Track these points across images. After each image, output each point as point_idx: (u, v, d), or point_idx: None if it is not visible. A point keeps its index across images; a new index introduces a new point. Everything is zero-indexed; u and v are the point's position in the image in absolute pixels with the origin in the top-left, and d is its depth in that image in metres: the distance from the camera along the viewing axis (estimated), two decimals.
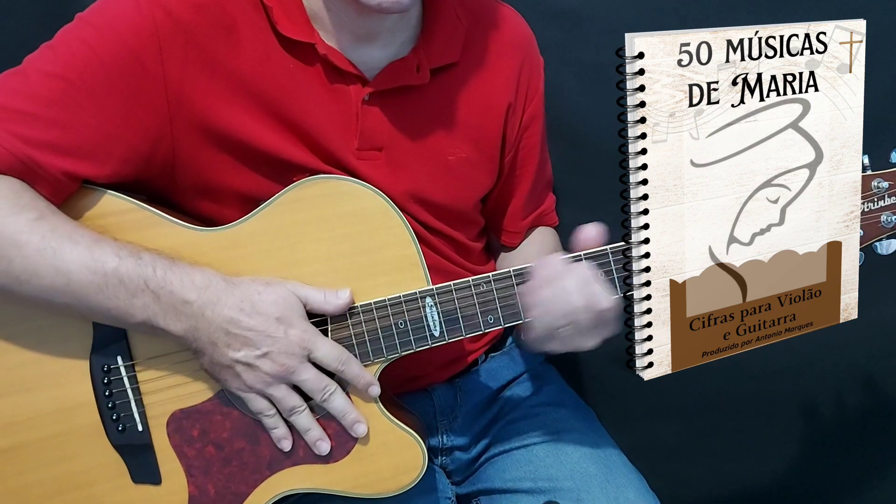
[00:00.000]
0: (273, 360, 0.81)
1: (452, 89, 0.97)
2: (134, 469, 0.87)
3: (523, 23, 1.06)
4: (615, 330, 0.85)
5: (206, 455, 0.88)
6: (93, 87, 0.81)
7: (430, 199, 0.97)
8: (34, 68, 0.82)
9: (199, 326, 0.81)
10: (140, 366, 0.86)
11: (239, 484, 0.89)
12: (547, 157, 1.13)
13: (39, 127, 0.80)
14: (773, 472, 1.62)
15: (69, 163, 0.81)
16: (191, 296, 0.80)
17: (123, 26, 0.82)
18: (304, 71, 0.89)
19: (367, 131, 0.92)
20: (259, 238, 0.85)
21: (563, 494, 0.96)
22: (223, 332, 0.80)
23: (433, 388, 1.07)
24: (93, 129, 0.82)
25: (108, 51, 0.82)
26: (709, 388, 1.50)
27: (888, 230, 0.94)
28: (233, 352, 0.81)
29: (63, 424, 0.86)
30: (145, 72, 0.83)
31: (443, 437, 1.06)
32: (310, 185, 0.85)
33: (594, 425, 1.08)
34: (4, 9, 1.22)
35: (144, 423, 0.87)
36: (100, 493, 0.87)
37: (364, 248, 0.86)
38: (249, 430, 0.88)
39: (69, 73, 0.81)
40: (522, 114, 1.04)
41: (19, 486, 0.86)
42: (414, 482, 0.89)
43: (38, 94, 0.80)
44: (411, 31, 0.94)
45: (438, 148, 0.97)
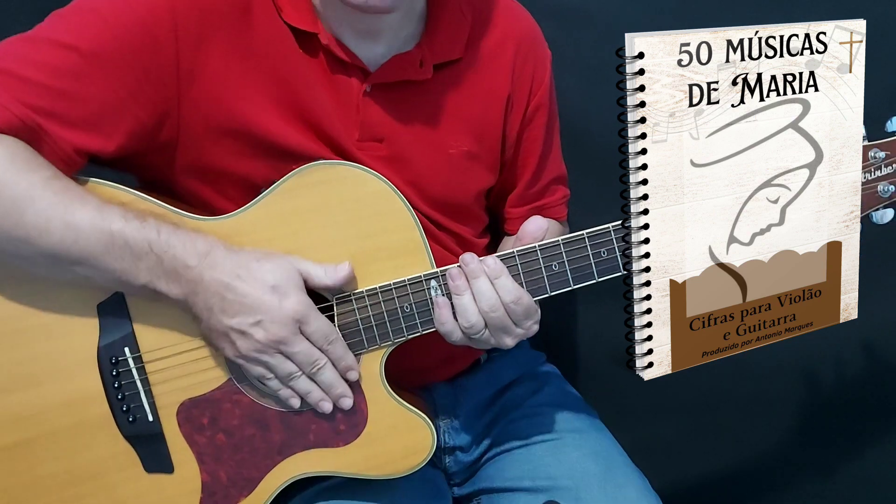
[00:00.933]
0: (265, 329, 0.81)
1: (455, 84, 0.97)
2: (146, 458, 0.88)
3: (527, 16, 1.05)
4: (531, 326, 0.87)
5: (217, 442, 0.88)
6: (104, 59, 0.81)
7: (430, 192, 0.97)
8: (44, 37, 0.81)
9: (197, 291, 0.81)
10: (148, 357, 0.86)
11: (251, 469, 0.89)
12: (556, 150, 1.12)
13: (48, 97, 0.80)
14: (772, 472, 1.62)
15: (76, 135, 0.81)
16: (192, 261, 0.80)
17: (139, 3, 0.82)
18: (308, 61, 0.89)
19: (367, 122, 0.92)
20: (261, 226, 0.85)
21: (563, 493, 0.96)
22: (219, 298, 0.80)
23: (434, 388, 1.07)
24: (100, 102, 0.82)
25: (122, 24, 0.81)
26: (709, 387, 1.50)
27: (885, 200, 0.94)
28: (227, 318, 0.81)
29: (73, 417, 0.86)
30: (158, 48, 0.82)
31: (444, 436, 1.06)
32: (311, 172, 0.85)
33: (596, 424, 1.08)
34: (4, 9, 1.22)
35: (154, 413, 0.87)
36: (113, 483, 0.88)
37: (367, 232, 0.86)
38: (259, 416, 0.88)
39: (81, 43, 0.80)
40: (526, 107, 1.03)
41: (33, 480, 0.86)
42: (424, 462, 0.90)
43: (47, 63, 0.80)
44: (415, 26, 0.94)
45: (440, 141, 0.97)
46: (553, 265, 0.86)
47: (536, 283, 0.87)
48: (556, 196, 1.13)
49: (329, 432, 0.89)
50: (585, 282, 0.87)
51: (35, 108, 0.79)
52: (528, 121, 1.04)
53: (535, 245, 0.86)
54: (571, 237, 0.86)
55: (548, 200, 1.12)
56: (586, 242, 0.86)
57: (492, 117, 1.01)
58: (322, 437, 0.89)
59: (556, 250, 0.86)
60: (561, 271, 0.86)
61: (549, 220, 1.14)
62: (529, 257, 0.86)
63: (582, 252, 0.86)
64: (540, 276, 0.86)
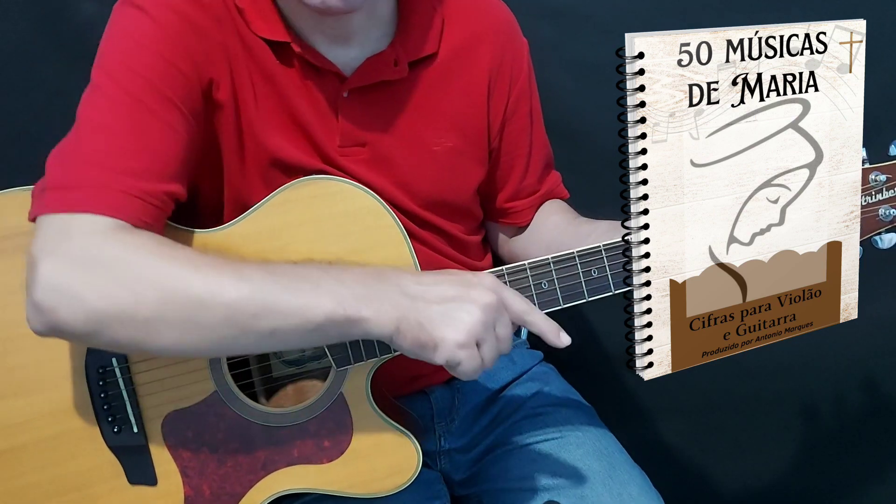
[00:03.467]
0: (482, 291, 0.77)
1: (433, 80, 0.96)
2: (130, 470, 0.88)
3: (501, 6, 1.05)
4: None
5: (202, 456, 0.88)
6: (152, 106, 0.80)
7: (418, 192, 0.97)
8: (88, 113, 0.81)
9: (399, 283, 0.76)
10: (135, 367, 0.86)
11: (234, 484, 0.89)
12: (544, 137, 1.11)
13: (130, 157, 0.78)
14: (773, 471, 1.62)
15: (168, 185, 0.80)
16: (370, 279, 0.76)
17: (147, 38, 0.82)
18: (285, 70, 0.89)
19: (347, 128, 0.92)
20: (251, 240, 0.85)
21: (566, 492, 0.96)
22: (422, 278, 0.77)
23: (431, 391, 1.07)
24: (167, 144, 0.81)
25: (146, 63, 0.81)
26: (709, 387, 1.50)
27: (886, 224, 0.94)
28: (443, 288, 0.77)
29: (60, 426, 0.86)
30: (184, 76, 0.83)
31: (440, 440, 1.06)
32: (302, 186, 0.85)
33: (596, 423, 1.08)
34: (3, 10, 1.22)
35: (140, 425, 0.87)
36: (97, 494, 0.87)
37: (356, 248, 0.85)
38: (244, 430, 0.88)
39: (125, 98, 0.80)
40: (508, 98, 1.03)
41: (18, 488, 0.86)
42: (408, 482, 0.89)
43: (110, 126, 0.79)
44: (386, 26, 0.94)
45: (422, 139, 0.96)
46: (543, 283, 0.85)
47: None
48: (555, 179, 1.12)
49: (313, 448, 0.89)
50: (575, 301, 0.85)
51: (132, 173, 0.78)
52: (512, 112, 1.04)
53: (524, 263, 0.84)
54: (562, 255, 0.84)
55: (550, 185, 1.11)
56: (577, 261, 0.85)
57: (473, 110, 1.00)
58: (306, 454, 0.88)
59: (546, 268, 0.84)
60: (551, 289, 0.85)
61: (560, 203, 1.12)
62: (519, 275, 0.84)
63: (572, 270, 0.85)
64: (529, 294, 0.84)
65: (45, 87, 1.25)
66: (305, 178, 0.85)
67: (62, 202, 0.76)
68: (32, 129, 1.23)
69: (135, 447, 0.87)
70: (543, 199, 1.11)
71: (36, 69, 1.26)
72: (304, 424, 0.89)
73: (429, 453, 1.07)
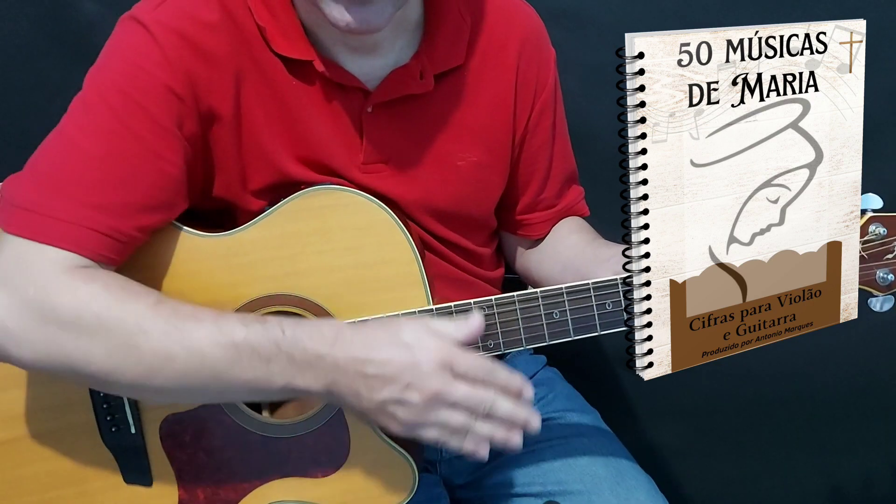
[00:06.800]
0: (418, 388, 0.75)
1: (459, 92, 0.94)
2: (126, 469, 0.88)
3: (530, 14, 1.01)
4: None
5: (197, 460, 0.88)
6: (140, 132, 0.79)
7: (441, 208, 0.95)
8: (72, 132, 0.81)
9: (337, 378, 0.76)
10: None
11: (228, 491, 0.89)
12: (565, 149, 1.08)
13: (105, 190, 0.78)
14: (773, 472, 1.62)
15: (142, 219, 0.80)
16: (323, 349, 0.75)
17: (146, 61, 0.80)
18: (305, 89, 0.87)
19: (371, 145, 0.90)
20: (260, 246, 0.84)
21: (574, 498, 0.95)
22: (360, 377, 0.75)
23: None
24: (151, 174, 0.80)
25: (141, 87, 0.80)
26: (709, 389, 1.50)
27: (882, 289, 0.93)
28: (377, 393, 0.75)
29: (58, 421, 0.87)
30: (181, 101, 0.81)
31: (441, 448, 1.06)
32: (314, 195, 0.84)
33: (601, 428, 1.07)
34: (3, 10, 1.22)
35: (137, 425, 0.87)
36: (92, 491, 0.88)
37: (366, 262, 0.84)
38: (241, 439, 0.88)
39: (112, 124, 0.79)
40: (531, 109, 1.00)
41: (16, 478, 0.87)
42: (403, 502, 0.88)
43: (90, 153, 0.79)
44: (412, 33, 0.91)
45: (447, 154, 0.94)
46: (554, 313, 0.83)
47: (535, 331, 0.83)
48: (574, 195, 1.09)
49: (309, 462, 0.89)
50: (587, 333, 0.83)
51: (100, 207, 0.77)
52: (535, 125, 1.01)
53: (536, 291, 0.82)
54: (576, 286, 0.83)
55: (569, 201, 1.08)
56: (591, 293, 0.83)
57: (499, 123, 0.97)
58: (301, 467, 0.88)
59: (559, 298, 0.82)
60: (562, 320, 0.83)
61: (580, 221, 1.10)
62: (530, 303, 0.82)
63: (586, 302, 0.83)
64: (539, 322, 0.82)
65: (46, 87, 1.25)
66: (318, 188, 0.84)
67: (28, 227, 0.76)
68: (32, 129, 1.23)
69: (131, 447, 0.87)
70: (561, 214, 1.07)
71: (36, 69, 1.26)
72: (301, 437, 0.88)
73: (432, 462, 1.06)
